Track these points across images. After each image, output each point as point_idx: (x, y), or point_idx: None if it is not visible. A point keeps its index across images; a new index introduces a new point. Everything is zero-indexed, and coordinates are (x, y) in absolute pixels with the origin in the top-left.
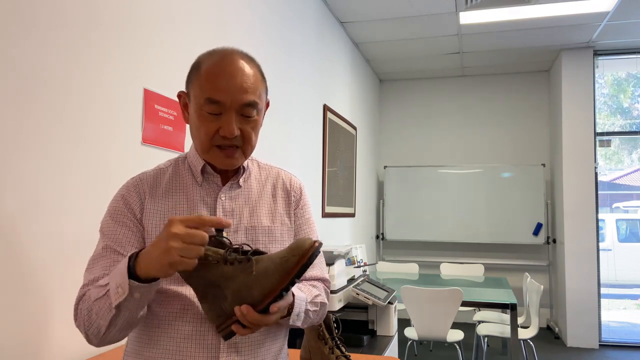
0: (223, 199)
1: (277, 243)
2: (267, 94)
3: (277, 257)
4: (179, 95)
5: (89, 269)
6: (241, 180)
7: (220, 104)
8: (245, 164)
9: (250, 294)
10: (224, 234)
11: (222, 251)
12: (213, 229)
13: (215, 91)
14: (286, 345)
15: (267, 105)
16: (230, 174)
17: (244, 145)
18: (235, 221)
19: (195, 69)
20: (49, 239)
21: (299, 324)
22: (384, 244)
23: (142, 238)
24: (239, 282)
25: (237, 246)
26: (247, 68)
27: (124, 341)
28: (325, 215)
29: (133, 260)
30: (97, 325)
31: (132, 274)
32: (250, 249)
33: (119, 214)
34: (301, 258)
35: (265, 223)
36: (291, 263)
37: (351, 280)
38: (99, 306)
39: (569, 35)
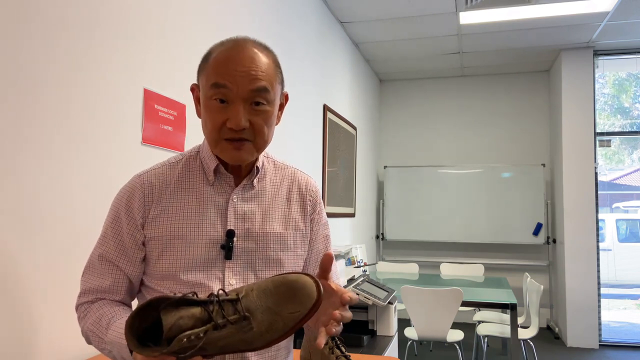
0: (235, 200)
1: (289, 251)
2: (282, 85)
3: (280, 307)
4: (192, 88)
5: (85, 275)
6: (255, 180)
7: (226, 89)
8: (260, 163)
9: (249, 347)
10: (234, 240)
11: (195, 310)
12: (220, 228)
13: (221, 75)
14: (291, 346)
15: (287, 98)
16: (244, 174)
17: (256, 138)
18: (247, 225)
19: (205, 59)
20: (48, 239)
21: None
22: (384, 244)
23: (141, 246)
24: (233, 340)
25: (212, 298)
26: (259, 55)
27: None
28: None
29: None
30: (97, 348)
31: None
32: (230, 296)
33: (120, 222)
34: (311, 310)
35: (277, 229)
36: (301, 315)
37: (351, 280)
38: (101, 350)
39: (569, 35)
